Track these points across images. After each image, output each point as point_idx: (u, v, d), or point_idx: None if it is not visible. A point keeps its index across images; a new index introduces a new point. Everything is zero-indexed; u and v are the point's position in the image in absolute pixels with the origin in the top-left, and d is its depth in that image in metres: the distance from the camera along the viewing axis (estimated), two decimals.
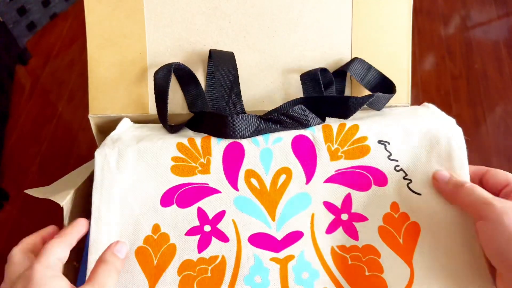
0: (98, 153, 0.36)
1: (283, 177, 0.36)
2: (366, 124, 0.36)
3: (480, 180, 0.34)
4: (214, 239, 0.36)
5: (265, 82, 0.44)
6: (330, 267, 0.35)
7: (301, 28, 0.44)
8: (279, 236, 0.36)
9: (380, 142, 0.36)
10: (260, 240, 0.36)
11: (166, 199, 0.36)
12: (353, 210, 0.36)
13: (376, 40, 0.44)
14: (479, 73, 1.01)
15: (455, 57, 1.03)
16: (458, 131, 0.35)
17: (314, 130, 0.36)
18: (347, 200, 0.36)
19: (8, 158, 0.88)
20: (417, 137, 0.35)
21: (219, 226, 0.36)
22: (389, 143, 0.35)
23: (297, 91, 0.44)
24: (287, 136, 0.36)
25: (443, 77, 1.00)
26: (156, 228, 0.36)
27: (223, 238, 0.36)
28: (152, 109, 0.44)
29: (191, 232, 0.36)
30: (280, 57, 0.44)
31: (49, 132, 0.89)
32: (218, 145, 0.37)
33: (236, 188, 0.36)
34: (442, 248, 0.34)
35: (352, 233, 0.36)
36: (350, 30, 0.44)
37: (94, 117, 0.44)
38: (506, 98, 0.98)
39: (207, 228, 0.36)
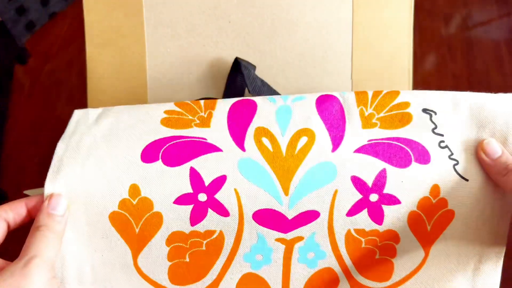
0: (77, 110, 0.31)
1: (303, 140, 0.29)
2: (408, 91, 0.30)
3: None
4: (210, 212, 0.29)
5: None
6: (339, 249, 0.31)
7: (301, 28, 0.43)
8: (290, 214, 0.29)
9: (425, 110, 0.30)
10: (267, 218, 0.30)
11: (149, 153, 0.29)
12: (385, 191, 0.29)
13: (377, 40, 0.44)
14: (480, 72, 1.01)
15: (456, 57, 1.03)
16: None
17: (344, 92, 0.31)
18: (381, 177, 0.29)
19: (7, 158, 0.87)
20: (469, 111, 0.30)
21: (218, 196, 0.29)
22: (435, 113, 0.30)
23: (297, 92, 0.44)
24: (311, 95, 0.31)
25: (444, 77, 1.00)
26: (134, 190, 0.28)
27: (222, 211, 0.29)
28: None
29: (181, 200, 0.29)
30: (280, 57, 0.44)
31: (48, 132, 0.88)
32: (224, 102, 0.31)
33: (242, 148, 0.29)
34: (468, 237, 0.30)
35: (377, 217, 0.30)
36: (351, 30, 0.43)
37: None
38: None
39: (202, 197, 0.29)
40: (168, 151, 0.29)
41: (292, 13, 0.43)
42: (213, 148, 0.29)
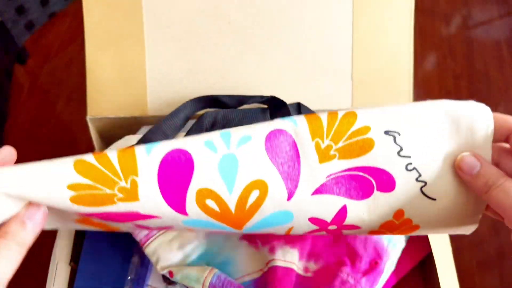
0: None
1: (255, 194, 0.26)
2: (366, 111, 0.27)
3: (506, 139, 0.26)
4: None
5: (264, 83, 0.44)
6: None
7: (301, 28, 0.43)
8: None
9: (387, 133, 0.26)
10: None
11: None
12: (345, 223, 0.29)
13: (377, 40, 0.44)
14: (480, 72, 1.01)
15: (457, 57, 1.03)
16: (485, 113, 0.26)
17: (296, 122, 0.26)
18: (341, 213, 0.28)
19: None
20: (435, 124, 0.26)
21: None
22: (399, 134, 0.26)
23: (296, 92, 0.44)
24: (259, 133, 0.26)
25: (445, 77, 1.00)
26: None
27: None
28: (150, 110, 0.43)
29: None
30: (280, 57, 0.44)
31: (48, 132, 0.88)
32: (149, 157, 0.24)
33: (184, 213, 0.26)
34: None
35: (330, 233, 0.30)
36: (351, 30, 0.43)
37: (92, 119, 0.44)
38: (507, 98, 0.97)
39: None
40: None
41: (292, 13, 0.43)
42: (150, 217, 0.26)
